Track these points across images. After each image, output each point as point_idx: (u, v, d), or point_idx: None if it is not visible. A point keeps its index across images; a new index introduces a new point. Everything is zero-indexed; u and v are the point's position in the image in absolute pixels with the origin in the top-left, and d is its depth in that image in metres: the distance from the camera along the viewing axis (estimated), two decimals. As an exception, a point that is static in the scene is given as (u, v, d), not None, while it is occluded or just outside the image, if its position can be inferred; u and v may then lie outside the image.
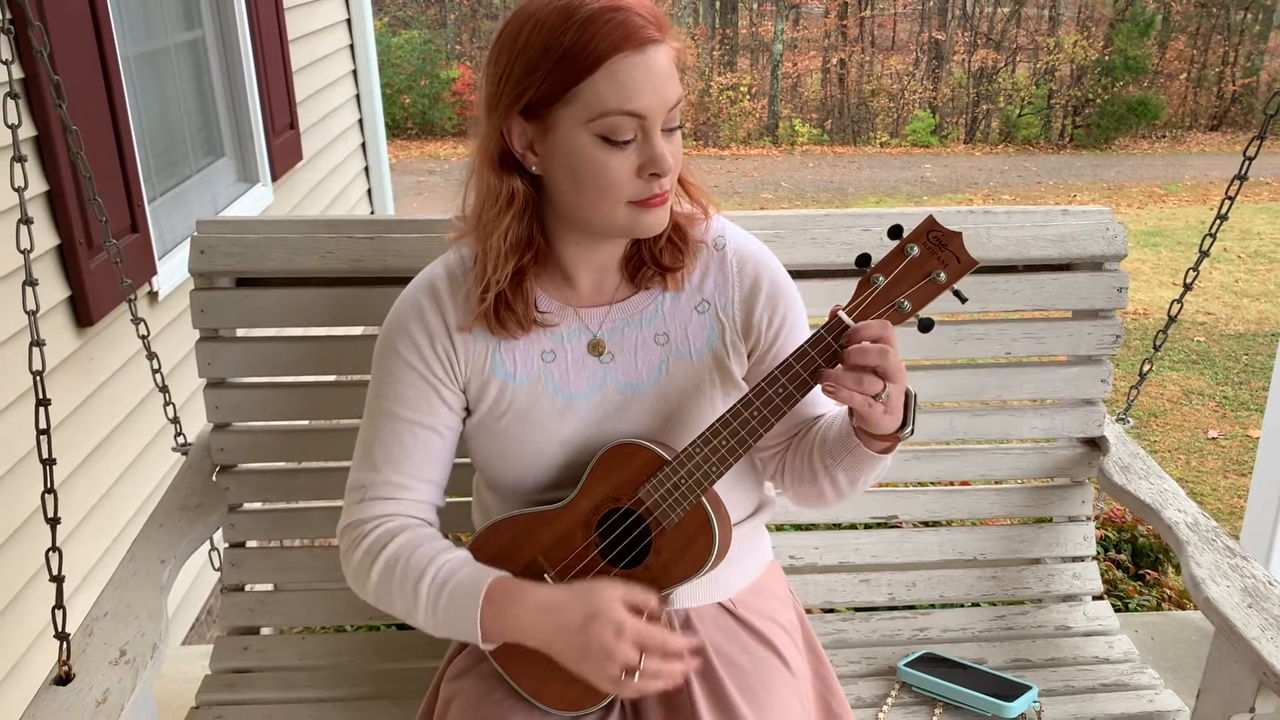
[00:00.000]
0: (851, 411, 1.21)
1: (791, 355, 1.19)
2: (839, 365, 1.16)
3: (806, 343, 1.19)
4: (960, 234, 1.15)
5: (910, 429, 1.21)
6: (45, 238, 2.29)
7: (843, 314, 1.17)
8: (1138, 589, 3.15)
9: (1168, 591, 3.14)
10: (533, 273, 1.29)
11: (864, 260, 1.18)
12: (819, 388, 1.18)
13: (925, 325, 1.18)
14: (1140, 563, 3.32)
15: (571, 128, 1.17)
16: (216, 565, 1.75)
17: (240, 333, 1.70)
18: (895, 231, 1.18)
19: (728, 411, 1.21)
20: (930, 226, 1.15)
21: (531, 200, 1.25)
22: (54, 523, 1.36)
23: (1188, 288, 1.88)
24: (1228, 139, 14.22)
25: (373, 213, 5.65)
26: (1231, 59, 15.12)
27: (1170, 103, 14.70)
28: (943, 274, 1.15)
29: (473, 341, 1.30)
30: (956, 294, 1.18)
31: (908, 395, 1.20)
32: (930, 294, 1.16)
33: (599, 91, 1.14)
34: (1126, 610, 2.97)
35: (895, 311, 1.17)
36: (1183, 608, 3.07)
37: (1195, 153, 13.47)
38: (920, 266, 1.16)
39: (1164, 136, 14.33)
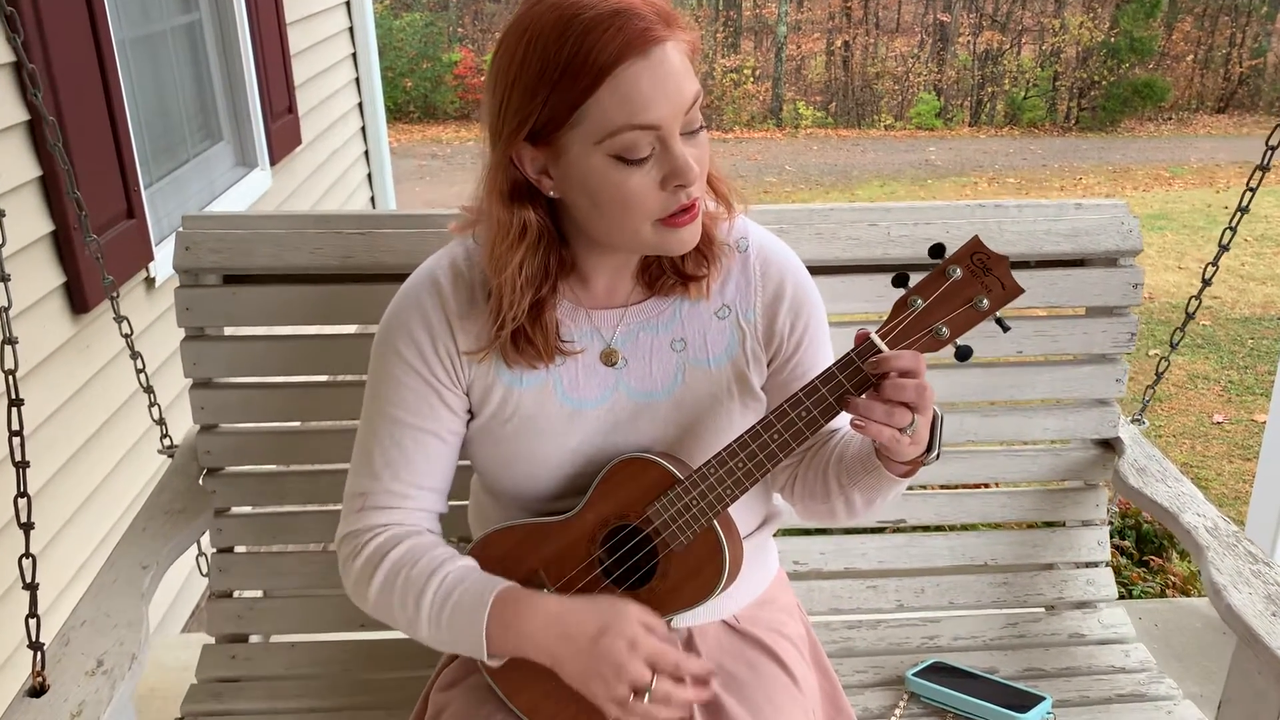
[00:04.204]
0: None
1: (818, 378, 1.11)
2: (866, 393, 1.09)
3: (834, 365, 1.11)
4: (1007, 258, 1.07)
5: (936, 453, 1.14)
6: (40, 224, 2.25)
7: (875, 337, 1.09)
8: (1142, 575, 3.15)
9: (1171, 578, 3.14)
10: (551, 301, 1.21)
11: (902, 279, 1.09)
12: None
13: (963, 354, 1.08)
14: (1144, 549, 3.32)
15: (583, 150, 1.08)
16: (204, 571, 1.71)
17: (228, 331, 1.66)
18: (937, 250, 1.08)
19: (746, 433, 1.14)
20: (975, 248, 1.07)
21: (547, 231, 1.17)
22: (27, 528, 1.32)
23: (1206, 283, 1.82)
24: (1234, 121, 14.16)
25: (373, 197, 5.62)
26: (1239, 40, 15.05)
27: (1176, 85, 14.65)
28: (986, 300, 1.06)
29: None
30: (999, 322, 1.09)
31: (934, 418, 1.13)
32: (971, 321, 1.08)
33: (605, 108, 1.04)
34: (1130, 597, 2.96)
35: (932, 338, 1.08)
36: (1186, 594, 3.07)
37: (1202, 135, 13.43)
38: (962, 290, 1.07)
39: (1170, 119, 14.27)
